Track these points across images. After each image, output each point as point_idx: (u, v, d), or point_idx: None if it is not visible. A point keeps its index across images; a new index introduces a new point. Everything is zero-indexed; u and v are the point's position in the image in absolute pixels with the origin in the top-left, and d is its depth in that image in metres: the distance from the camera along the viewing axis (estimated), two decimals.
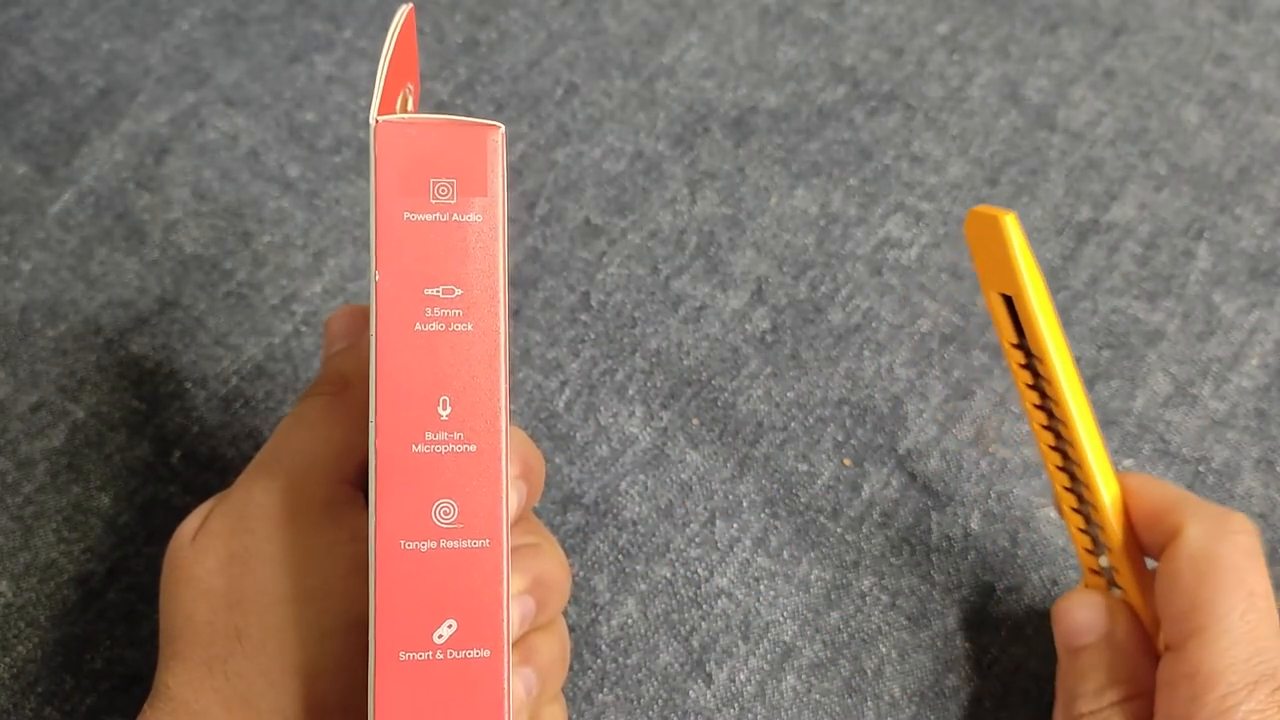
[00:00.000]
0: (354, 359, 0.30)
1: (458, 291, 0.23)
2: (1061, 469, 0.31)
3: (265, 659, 0.26)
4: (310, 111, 0.44)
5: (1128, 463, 0.39)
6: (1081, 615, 0.31)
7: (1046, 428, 0.31)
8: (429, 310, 0.23)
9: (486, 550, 0.23)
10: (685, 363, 0.40)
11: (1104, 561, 0.31)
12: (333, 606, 0.26)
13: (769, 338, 0.41)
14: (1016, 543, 0.37)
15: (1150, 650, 0.30)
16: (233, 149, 0.43)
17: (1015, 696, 0.34)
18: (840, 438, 0.39)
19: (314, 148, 0.43)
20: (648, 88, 0.46)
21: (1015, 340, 0.30)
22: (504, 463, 0.24)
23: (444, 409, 0.23)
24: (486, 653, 0.23)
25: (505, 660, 0.23)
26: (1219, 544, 0.28)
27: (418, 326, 0.23)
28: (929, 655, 0.35)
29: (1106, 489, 0.30)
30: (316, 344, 0.39)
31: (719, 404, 0.39)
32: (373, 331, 0.23)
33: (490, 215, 0.23)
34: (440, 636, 0.23)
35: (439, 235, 0.23)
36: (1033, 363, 0.30)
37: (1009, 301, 0.30)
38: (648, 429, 0.38)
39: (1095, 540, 0.31)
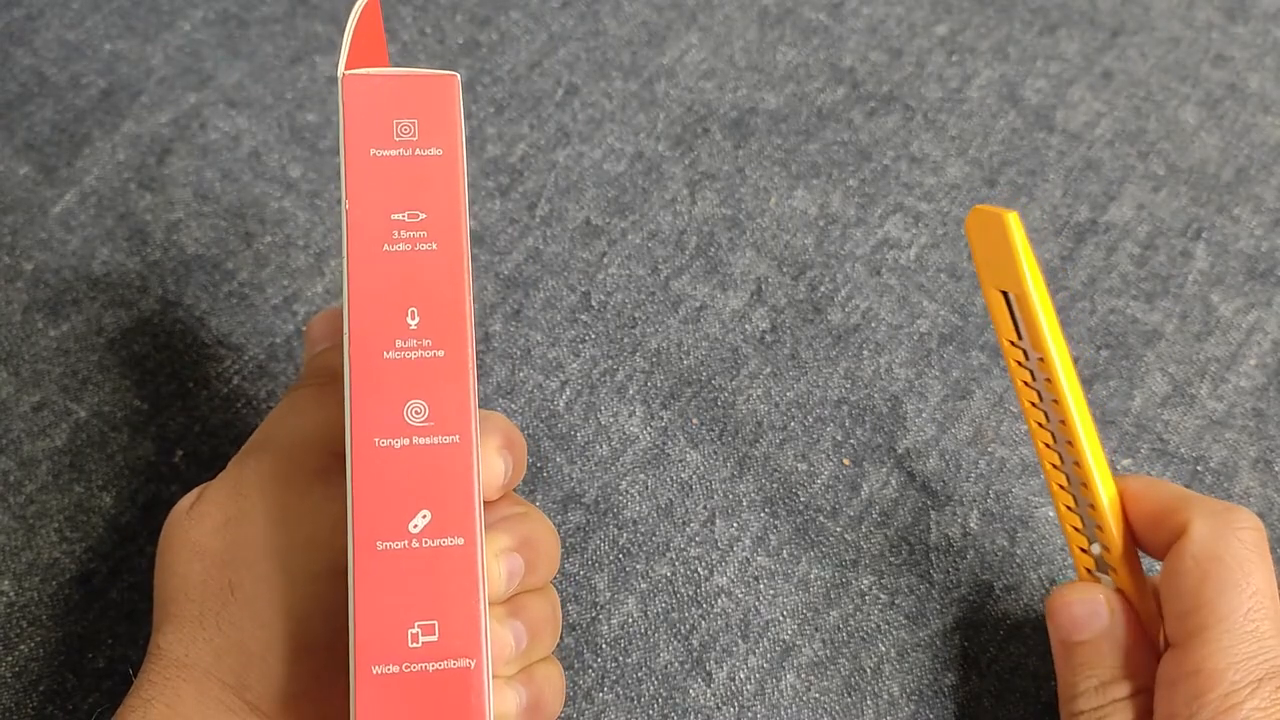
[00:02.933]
0: (339, 356, 0.30)
1: (422, 215, 0.26)
2: (1057, 468, 0.31)
3: (257, 605, 0.27)
4: (312, 112, 0.44)
5: (1126, 462, 0.39)
6: (1080, 609, 0.31)
7: (1043, 426, 0.31)
8: (396, 233, 0.26)
9: (457, 445, 0.25)
10: (685, 363, 0.40)
11: (1096, 550, 0.31)
12: (321, 555, 0.27)
13: (769, 338, 0.41)
14: (1015, 542, 0.37)
15: (1147, 646, 0.31)
16: (234, 150, 0.43)
17: (1013, 695, 0.35)
18: (839, 437, 0.39)
19: (315, 148, 0.44)
20: (648, 89, 0.46)
21: (1014, 338, 0.31)
22: (471, 367, 0.26)
23: (412, 319, 0.25)
24: (460, 540, 0.25)
25: (479, 547, 0.25)
26: (1224, 541, 0.28)
27: (385, 247, 0.26)
28: (927, 654, 0.35)
29: (1104, 487, 0.30)
30: None
31: (719, 404, 0.39)
32: (344, 256, 0.25)
33: (450, 149, 0.26)
34: (415, 526, 0.25)
35: (403, 168, 0.26)
36: (1031, 361, 0.31)
37: (1008, 299, 0.30)
38: (648, 428, 0.39)
39: (1090, 539, 0.32)
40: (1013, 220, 0.29)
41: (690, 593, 0.36)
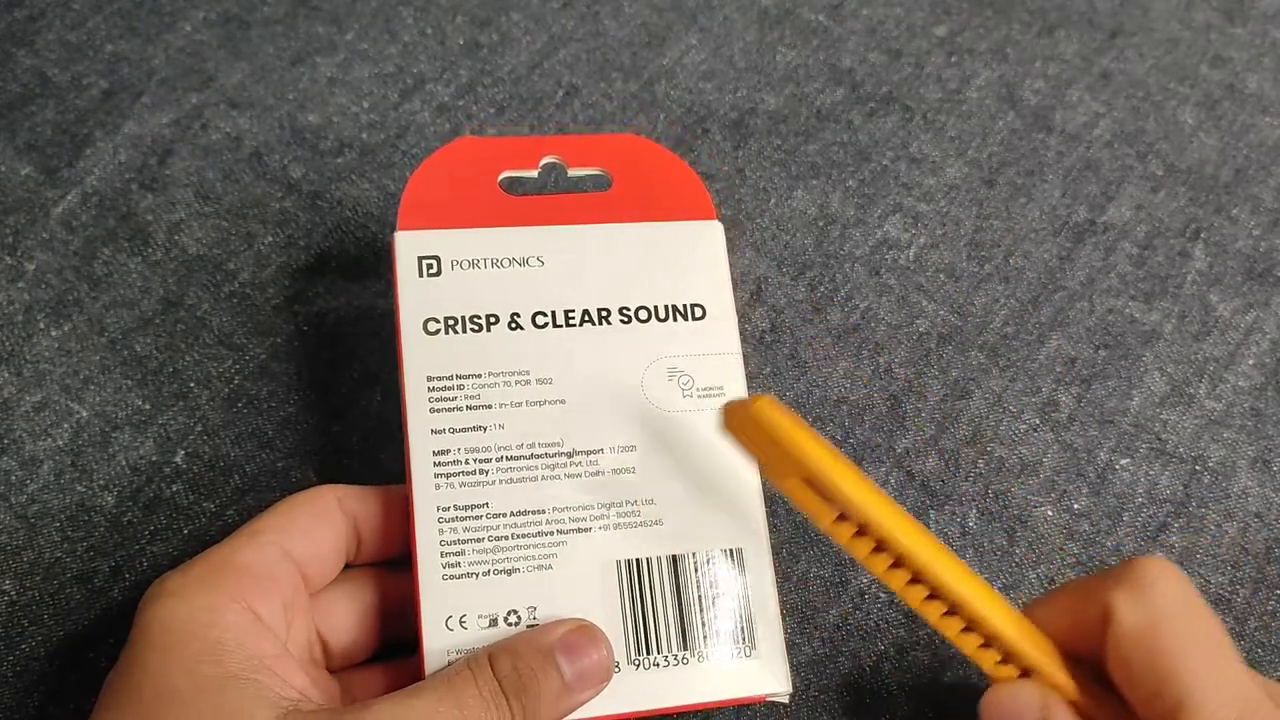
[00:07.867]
0: None
1: None
2: (949, 614, 0.29)
3: None
4: (313, 113, 0.45)
5: (1124, 461, 0.39)
6: (1010, 704, 0.29)
7: (913, 582, 0.28)
8: None
9: None
10: None
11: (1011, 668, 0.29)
12: None
13: (769, 338, 0.41)
14: (1013, 541, 0.37)
15: None
16: (236, 150, 0.43)
17: None
18: (839, 437, 0.39)
19: (316, 149, 0.44)
20: (648, 90, 0.47)
21: (835, 516, 0.28)
22: None
23: None
24: None
25: None
26: (1152, 606, 0.27)
27: None
28: (926, 652, 0.35)
29: (995, 611, 0.28)
30: (320, 343, 0.40)
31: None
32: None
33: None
34: None
35: None
36: (868, 530, 0.28)
37: (810, 483, 0.27)
38: None
39: (1004, 660, 0.29)
40: (765, 407, 0.26)
41: None
